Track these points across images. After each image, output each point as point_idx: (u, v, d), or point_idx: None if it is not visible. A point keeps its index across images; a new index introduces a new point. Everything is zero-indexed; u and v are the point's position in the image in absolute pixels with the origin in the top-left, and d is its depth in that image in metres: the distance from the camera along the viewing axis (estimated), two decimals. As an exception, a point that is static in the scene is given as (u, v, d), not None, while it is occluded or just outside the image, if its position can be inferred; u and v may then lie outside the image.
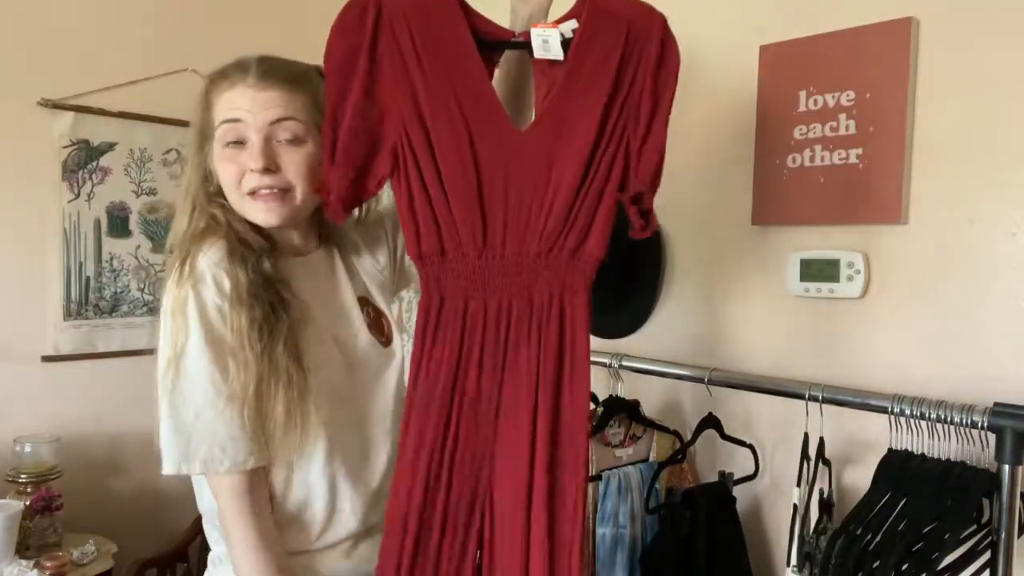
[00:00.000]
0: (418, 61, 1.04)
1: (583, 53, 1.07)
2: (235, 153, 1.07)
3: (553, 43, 1.07)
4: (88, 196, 2.28)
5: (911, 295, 1.41)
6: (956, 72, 1.35)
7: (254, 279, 1.05)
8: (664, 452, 1.66)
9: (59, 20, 2.22)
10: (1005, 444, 1.15)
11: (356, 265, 1.27)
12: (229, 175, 1.08)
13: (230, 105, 1.07)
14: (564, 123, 1.07)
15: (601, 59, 1.08)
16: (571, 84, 1.08)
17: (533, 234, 1.07)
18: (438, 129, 1.04)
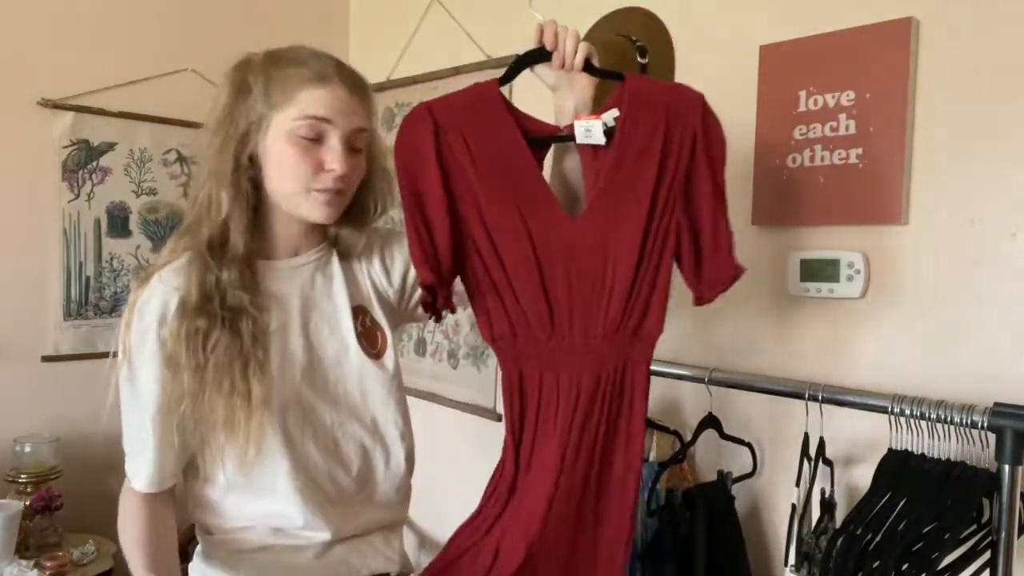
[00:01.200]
0: (473, 164, 1.12)
1: (627, 137, 1.12)
2: (311, 147, 1.08)
3: (596, 131, 1.12)
4: (88, 196, 2.29)
5: (911, 295, 1.41)
6: (956, 72, 1.35)
7: (210, 291, 1.07)
8: (664, 452, 1.66)
9: (59, 20, 2.22)
10: (1005, 444, 1.15)
11: (362, 273, 1.24)
12: (302, 168, 1.08)
13: (320, 102, 1.07)
14: (615, 207, 1.13)
15: (645, 141, 1.12)
16: (618, 168, 1.12)
17: (597, 318, 1.13)
18: (498, 226, 1.12)
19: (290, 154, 1.08)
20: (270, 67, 1.09)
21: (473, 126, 1.12)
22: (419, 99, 2.53)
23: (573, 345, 1.13)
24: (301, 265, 1.18)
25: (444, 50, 2.30)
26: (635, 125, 1.12)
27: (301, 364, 1.14)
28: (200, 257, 1.08)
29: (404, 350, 2.49)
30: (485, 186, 1.12)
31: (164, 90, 2.35)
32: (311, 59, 1.10)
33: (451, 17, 2.28)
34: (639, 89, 1.15)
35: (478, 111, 1.14)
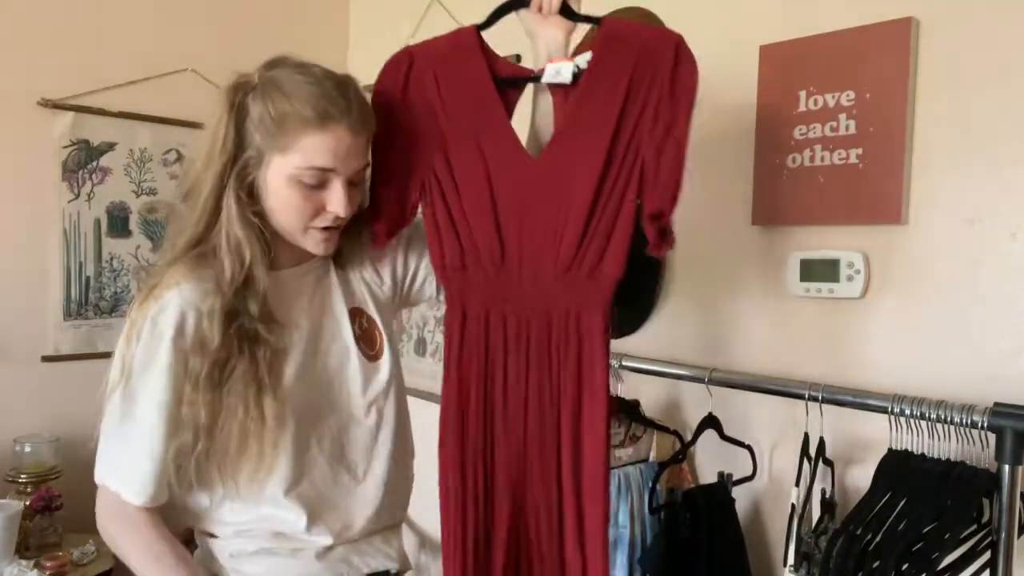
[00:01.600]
0: (441, 102, 1.15)
1: (594, 79, 1.12)
2: (312, 192, 1.07)
3: (564, 73, 1.13)
4: (88, 196, 2.29)
5: (911, 295, 1.41)
6: (956, 72, 1.35)
7: (230, 323, 1.05)
8: (664, 452, 1.66)
9: (59, 20, 2.22)
10: (1005, 444, 1.15)
11: (356, 276, 1.24)
12: (302, 210, 1.08)
13: (323, 151, 1.04)
14: (573, 147, 1.12)
15: (612, 82, 1.11)
16: (580, 109, 1.13)
17: (549, 256, 1.12)
18: (459, 162, 1.15)
19: (291, 197, 1.07)
20: (269, 100, 1.04)
21: (446, 66, 1.16)
22: (419, 99, 2.51)
23: (523, 284, 1.13)
24: (303, 274, 1.18)
25: (444, 50, 2.29)
26: (604, 67, 1.12)
27: (309, 375, 1.13)
28: (220, 290, 1.06)
29: (404, 350, 2.49)
30: (451, 123, 1.15)
31: (164, 90, 2.35)
32: (312, 93, 1.04)
33: (451, 17, 2.28)
34: (614, 32, 1.14)
35: (453, 53, 1.17)
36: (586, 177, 1.11)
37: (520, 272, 1.14)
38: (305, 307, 1.16)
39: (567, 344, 1.12)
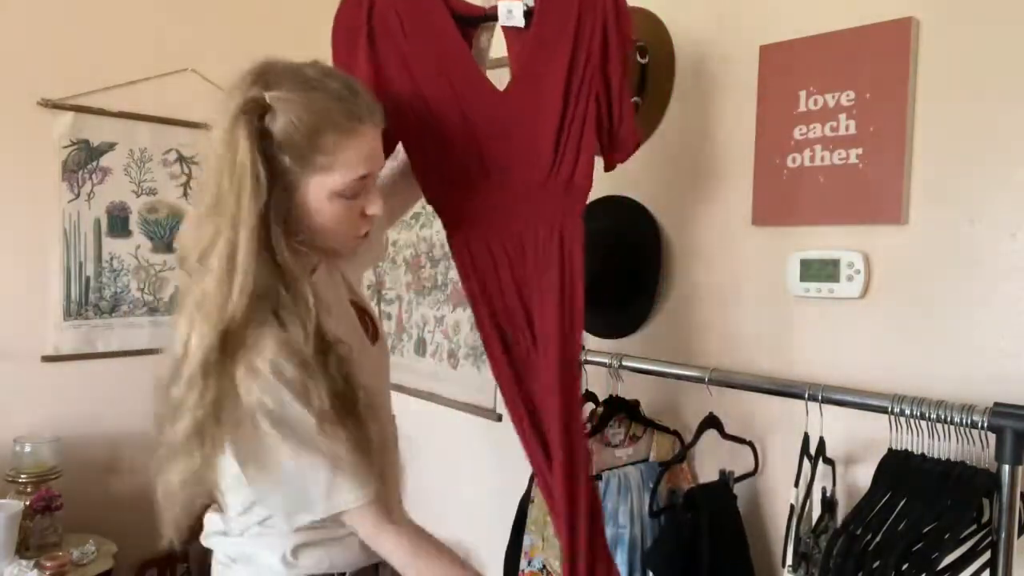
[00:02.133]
0: (407, 40, 1.25)
1: (544, 19, 1.27)
2: (353, 204, 1.08)
3: (516, 13, 1.25)
4: (88, 196, 2.29)
5: (911, 295, 1.41)
6: (956, 72, 1.35)
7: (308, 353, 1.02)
8: (664, 452, 1.66)
9: (59, 20, 2.22)
10: (1005, 444, 1.15)
11: (343, 280, 1.26)
12: (348, 222, 1.09)
13: (361, 157, 1.05)
14: (538, 79, 1.27)
15: (561, 21, 1.26)
16: (538, 45, 1.27)
17: (532, 164, 1.28)
18: (432, 95, 1.26)
19: (337, 211, 1.07)
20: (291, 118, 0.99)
21: (406, 4, 1.26)
22: (419, 99, 2.50)
23: (515, 191, 1.28)
24: (324, 273, 1.19)
25: (444, 50, 2.30)
26: (551, 7, 1.26)
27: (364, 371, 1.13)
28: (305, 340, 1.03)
29: (404, 350, 2.49)
30: (419, 61, 1.26)
31: (164, 90, 2.35)
32: (330, 101, 1.01)
33: (451, 17, 2.28)
34: None
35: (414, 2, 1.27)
36: (552, 100, 1.25)
37: (503, 192, 1.28)
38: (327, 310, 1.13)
39: (549, 250, 1.28)
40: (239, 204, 0.97)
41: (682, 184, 1.75)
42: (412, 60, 1.25)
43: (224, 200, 0.98)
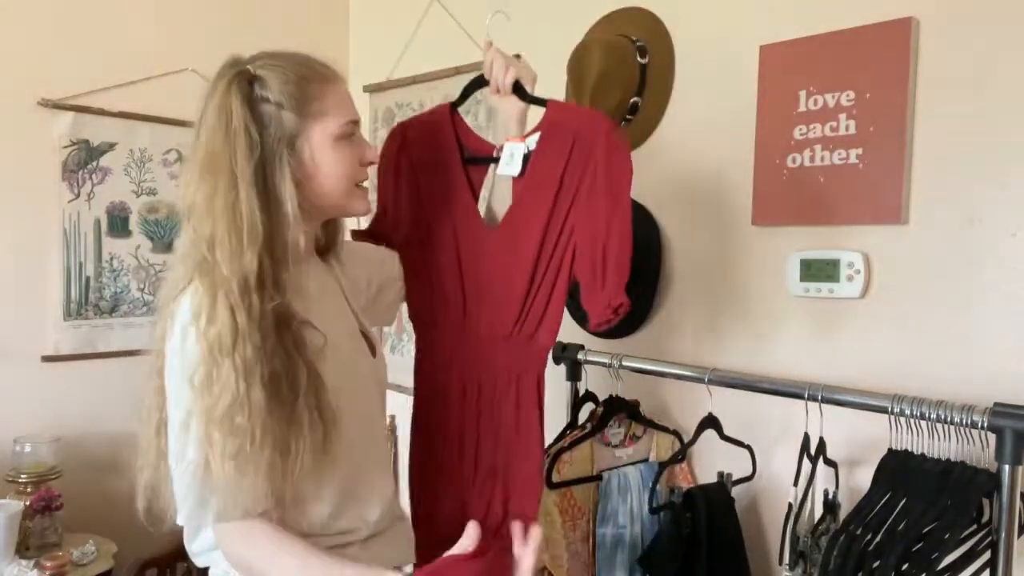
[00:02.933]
0: (424, 173, 1.34)
1: (535, 164, 1.27)
2: (352, 148, 1.10)
3: (516, 157, 1.27)
4: (88, 196, 2.28)
5: (911, 295, 1.41)
6: (956, 72, 1.35)
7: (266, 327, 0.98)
8: (664, 452, 1.66)
9: (59, 20, 2.22)
10: (1005, 444, 1.15)
11: (343, 275, 1.23)
12: (350, 167, 1.10)
13: (343, 104, 1.10)
14: (519, 227, 1.27)
15: (549, 168, 1.25)
16: (524, 193, 1.28)
17: (501, 319, 1.28)
18: (434, 226, 1.33)
19: (342, 156, 1.08)
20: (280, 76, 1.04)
21: (425, 142, 1.33)
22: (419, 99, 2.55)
23: (480, 337, 1.29)
24: (307, 273, 1.14)
25: (444, 50, 2.30)
26: (544, 152, 1.26)
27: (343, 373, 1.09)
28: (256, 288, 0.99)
29: (404, 350, 2.49)
30: (427, 192, 1.33)
31: (164, 90, 2.34)
32: (306, 59, 1.09)
33: (451, 17, 2.28)
34: (554, 117, 1.27)
35: (432, 129, 1.34)
36: (527, 253, 1.25)
37: (478, 332, 1.29)
38: (318, 306, 1.11)
39: (506, 400, 1.27)
40: (235, 162, 0.99)
41: (682, 184, 1.75)
42: (424, 192, 1.33)
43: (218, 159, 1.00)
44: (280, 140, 1.03)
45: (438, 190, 1.32)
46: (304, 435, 0.98)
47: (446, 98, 2.39)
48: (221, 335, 0.96)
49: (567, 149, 1.23)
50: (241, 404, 0.94)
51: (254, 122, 1.01)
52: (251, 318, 0.97)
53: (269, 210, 1.01)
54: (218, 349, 0.96)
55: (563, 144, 1.24)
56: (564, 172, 1.24)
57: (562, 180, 1.24)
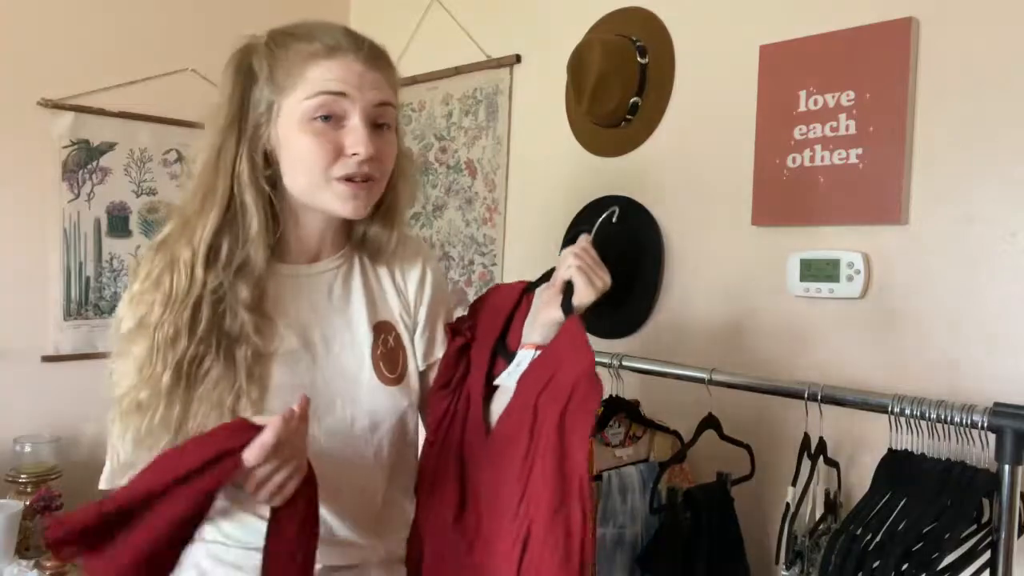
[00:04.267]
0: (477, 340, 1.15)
1: (523, 381, 1.06)
2: (327, 130, 0.95)
3: (522, 366, 1.07)
4: (88, 196, 2.28)
5: (911, 295, 1.41)
6: (956, 72, 1.35)
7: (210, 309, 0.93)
8: (664, 452, 1.66)
9: (59, 20, 2.22)
10: (1005, 444, 1.15)
11: (391, 283, 1.10)
12: (318, 154, 0.95)
13: (331, 76, 0.94)
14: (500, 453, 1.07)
15: (530, 387, 1.04)
16: (513, 403, 1.07)
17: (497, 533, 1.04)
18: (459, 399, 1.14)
19: (306, 140, 0.95)
20: (274, 47, 0.98)
21: (488, 317, 1.17)
22: (419, 99, 2.54)
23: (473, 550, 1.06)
24: (319, 273, 1.05)
25: (444, 50, 2.30)
26: (534, 371, 1.06)
27: (306, 390, 0.94)
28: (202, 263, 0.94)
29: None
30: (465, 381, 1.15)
31: (164, 90, 2.34)
32: (319, 31, 0.98)
33: (451, 17, 2.28)
34: (556, 342, 1.06)
35: (498, 305, 1.18)
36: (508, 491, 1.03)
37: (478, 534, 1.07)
38: (314, 311, 1.03)
39: None
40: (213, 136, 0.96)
41: (682, 184, 1.75)
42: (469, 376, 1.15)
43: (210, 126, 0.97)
44: (258, 116, 0.97)
45: (472, 378, 1.13)
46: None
47: (446, 98, 2.42)
48: (153, 304, 0.93)
49: (541, 382, 1.03)
50: (145, 383, 0.91)
51: (239, 95, 0.97)
52: (189, 292, 0.92)
53: (233, 191, 0.95)
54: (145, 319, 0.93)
55: (549, 368, 1.03)
56: (534, 415, 1.02)
57: (537, 404, 1.02)
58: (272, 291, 1.00)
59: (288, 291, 1.02)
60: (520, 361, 1.08)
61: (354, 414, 1.02)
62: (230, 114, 0.96)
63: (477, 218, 2.24)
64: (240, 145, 0.96)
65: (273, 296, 1.00)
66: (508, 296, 1.18)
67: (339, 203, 0.97)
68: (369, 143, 0.95)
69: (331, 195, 0.97)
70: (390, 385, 1.05)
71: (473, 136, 2.25)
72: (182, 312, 0.92)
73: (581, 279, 1.05)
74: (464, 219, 2.28)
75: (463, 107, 2.28)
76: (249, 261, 0.96)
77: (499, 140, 2.17)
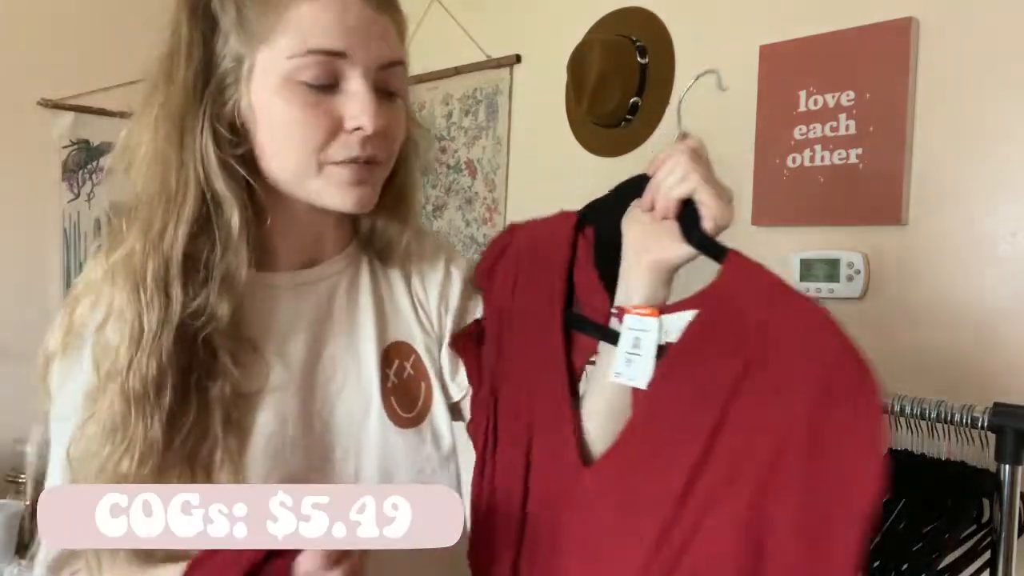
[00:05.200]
0: (510, 316, 0.81)
1: (678, 370, 0.68)
2: (320, 98, 0.70)
3: (644, 347, 0.71)
4: (88, 196, 2.28)
5: (911, 295, 1.41)
6: (956, 72, 1.35)
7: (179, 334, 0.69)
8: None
9: (59, 20, 2.22)
10: (1005, 444, 1.15)
11: (407, 292, 0.85)
12: (308, 131, 0.70)
13: (327, 25, 0.69)
14: (635, 480, 0.70)
15: (706, 384, 0.66)
16: (653, 419, 0.70)
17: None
18: (504, 406, 0.79)
19: (290, 110, 0.70)
20: None
21: (529, 264, 0.81)
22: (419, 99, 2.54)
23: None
24: (316, 281, 0.80)
25: (444, 50, 2.30)
26: (701, 352, 0.68)
27: (297, 438, 0.75)
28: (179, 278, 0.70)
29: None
30: (511, 350, 0.80)
31: (164, 90, 2.35)
32: None
33: (451, 17, 2.28)
34: (732, 290, 0.71)
35: (542, 248, 0.81)
36: (642, 532, 0.67)
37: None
38: (309, 333, 0.78)
39: None
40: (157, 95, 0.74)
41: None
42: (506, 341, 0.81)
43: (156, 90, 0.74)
44: (222, 76, 0.71)
45: (522, 351, 0.79)
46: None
47: (446, 98, 2.42)
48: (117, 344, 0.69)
49: (739, 361, 0.65)
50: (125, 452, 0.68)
51: (196, 47, 0.71)
52: (167, 320, 0.68)
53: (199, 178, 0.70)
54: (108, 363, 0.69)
55: (733, 347, 0.66)
56: (728, 398, 0.65)
57: (725, 415, 0.64)
58: (254, 308, 0.75)
59: (275, 307, 0.77)
60: (639, 336, 0.71)
61: (359, 467, 0.77)
62: (186, 73, 0.70)
63: (477, 218, 2.24)
64: (201, 116, 0.70)
65: (256, 315, 0.75)
66: (552, 241, 0.80)
67: (337, 195, 0.73)
68: (377, 114, 0.71)
69: (325, 184, 0.72)
70: (406, 427, 0.80)
71: (473, 136, 2.25)
72: (160, 347, 0.68)
73: (709, 192, 0.70)
74: (464, 219, 2.28)
75: (463, 107, 2.28)
76: (231, 271, 0.71)
77: (499, 140, 2.17)
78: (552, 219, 0.82)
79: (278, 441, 0.74)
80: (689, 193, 0.71)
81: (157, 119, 0.73)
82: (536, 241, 0.82)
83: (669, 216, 0.73)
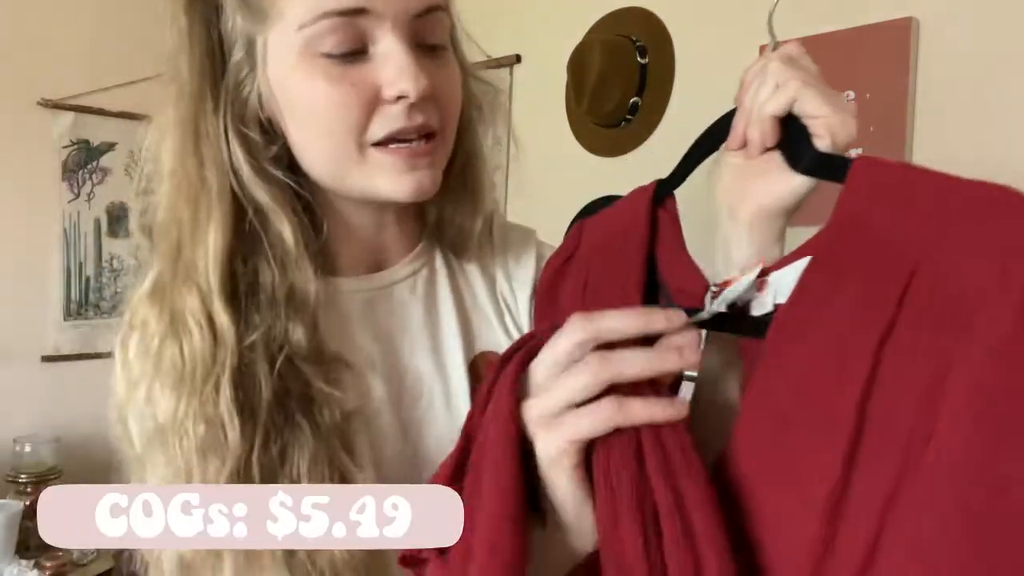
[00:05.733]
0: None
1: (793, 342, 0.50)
2: (347, 68, 0.58)
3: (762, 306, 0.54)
4: (88, 196, 2.29)
5: (911, 295, 1.41)
6: (956, 72, 1.35)
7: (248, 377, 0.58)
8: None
9: (59, 20, 2.22)
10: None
11: (486, 292, 0.73)
12: (344, 108, 0.58)
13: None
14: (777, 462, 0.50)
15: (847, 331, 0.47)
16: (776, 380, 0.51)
17: None
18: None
19: (312, 92, 0.58)
20: None
21: (599, 270, 0.68)
22: (419, 99, 2.52)
23: None
24: (386, 286, 0.69)
25: (444, 50, 2.30)
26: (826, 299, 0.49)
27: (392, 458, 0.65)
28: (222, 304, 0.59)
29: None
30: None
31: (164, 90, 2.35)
32: None
33: (451, 17, 2.29)
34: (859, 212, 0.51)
35: (615, 243, 0.69)
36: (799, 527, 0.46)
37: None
38: (386, 345, 0.67)
39: None
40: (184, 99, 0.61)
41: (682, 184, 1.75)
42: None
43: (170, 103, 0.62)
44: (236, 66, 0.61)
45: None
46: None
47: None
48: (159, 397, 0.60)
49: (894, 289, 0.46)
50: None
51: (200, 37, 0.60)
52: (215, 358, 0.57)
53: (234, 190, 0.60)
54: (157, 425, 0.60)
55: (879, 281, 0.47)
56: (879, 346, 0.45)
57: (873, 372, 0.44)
58: (329, 320, 0.64)
59: (347, 319, 0.66)
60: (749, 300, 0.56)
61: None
62: (194, 69, 0.60)
63: (477, 218, 2.24)
64: (221, 119, 0.60)
65: (332, 327, 0.64)
66: (626, 223, 0.69)
67: (388, 183, 0.60)
68: (420, 73, 0.58)
69: (372, 172, 0.60)
70: None
71: (473, 136, 2.25)
72: (213, 392, 0.57)
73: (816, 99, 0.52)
74: (464, 219, 2.28)
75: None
76: (296, 289, 0.60)
77: (499, 140, 2.17)
78: (624, 200, 0.71)
79: (393, 465, 0.64)
80: (788, 105, 0.53)
81: (178, 125, 0.61)
82: (608, 230, 0.70)
83: (768, 143, 0.56)
